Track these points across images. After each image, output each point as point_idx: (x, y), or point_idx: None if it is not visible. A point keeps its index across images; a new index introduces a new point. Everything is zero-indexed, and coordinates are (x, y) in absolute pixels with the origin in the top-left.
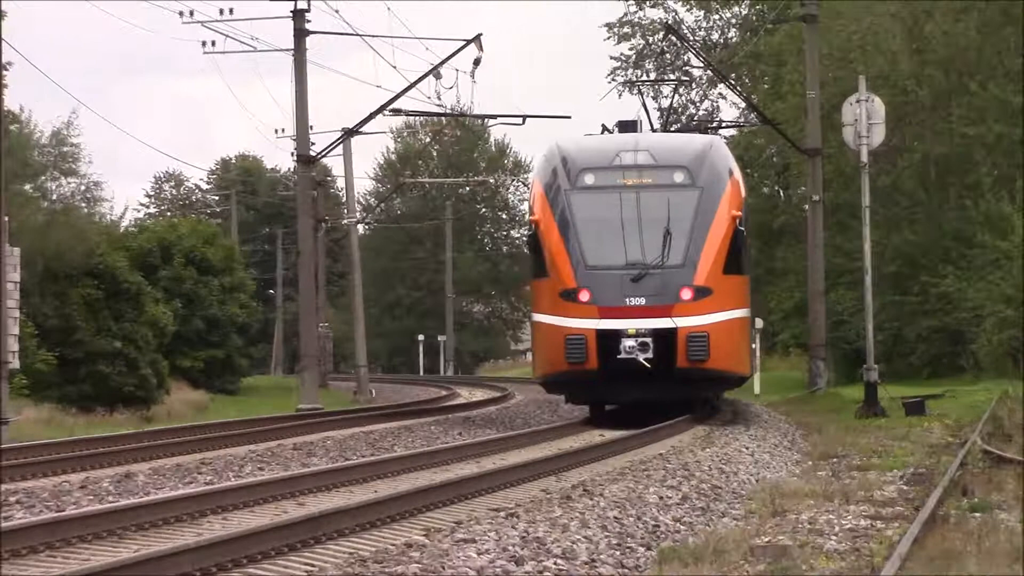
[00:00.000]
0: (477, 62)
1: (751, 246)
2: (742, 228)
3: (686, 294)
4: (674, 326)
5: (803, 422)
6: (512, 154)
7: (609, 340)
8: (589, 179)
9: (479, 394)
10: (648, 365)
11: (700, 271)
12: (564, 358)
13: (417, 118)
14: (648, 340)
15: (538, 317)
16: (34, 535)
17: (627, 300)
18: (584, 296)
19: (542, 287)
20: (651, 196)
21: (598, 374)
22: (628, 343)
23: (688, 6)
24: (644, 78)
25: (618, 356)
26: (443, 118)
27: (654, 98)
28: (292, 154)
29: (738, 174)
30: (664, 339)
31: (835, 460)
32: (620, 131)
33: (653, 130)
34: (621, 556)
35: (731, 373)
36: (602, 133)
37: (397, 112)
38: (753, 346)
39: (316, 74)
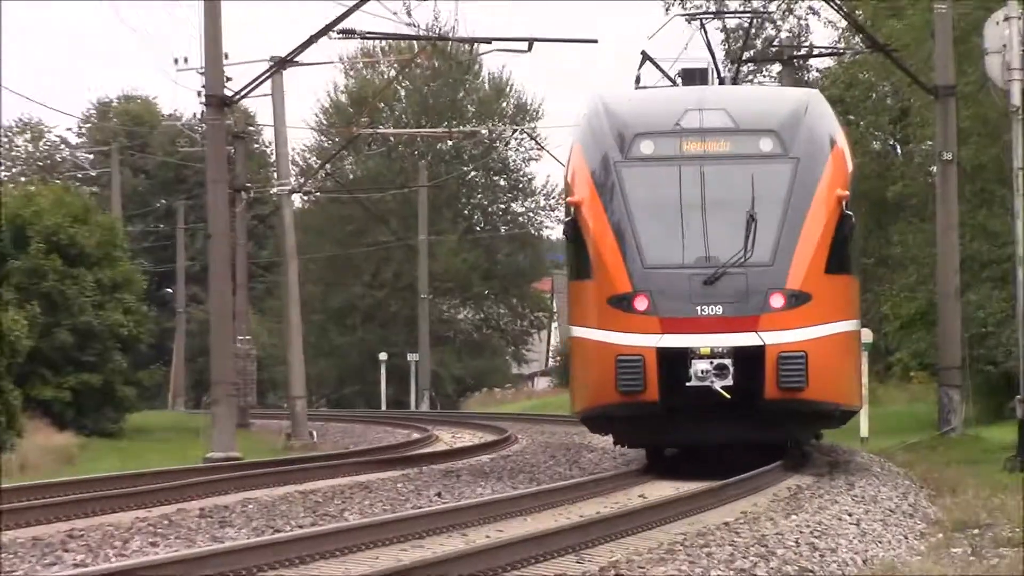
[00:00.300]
0: None
1: (858, 230)
2: (849, 213)
3: (777, 301)
4: (762, 343)
5: (930, 477)
6: (513, 94)
7: (675, 362)
8: (647, 147)
9: (466, 437)
10: (727, 395)
11: (795, 271)
12: (614, 386)
13: (378, 43)
14: (727, 362)
15: (579, 332)
16: None
17: (699, 309)
18: (641, 304)
19: (585, 291)
20: (729, 170)
21: (660, 407)
22: (700, 366)
23: None
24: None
25: (687, 383)
26: (415, 42)
27: (717, 16)
28: (199, 94)
29: (843, 140)
30: (748, 361)
31: (976, 532)
32: (684, 83)
33: (720, 80)
34: None
35: (836, 405)
36: (663, 85)
37: (349, 34)
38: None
39: None
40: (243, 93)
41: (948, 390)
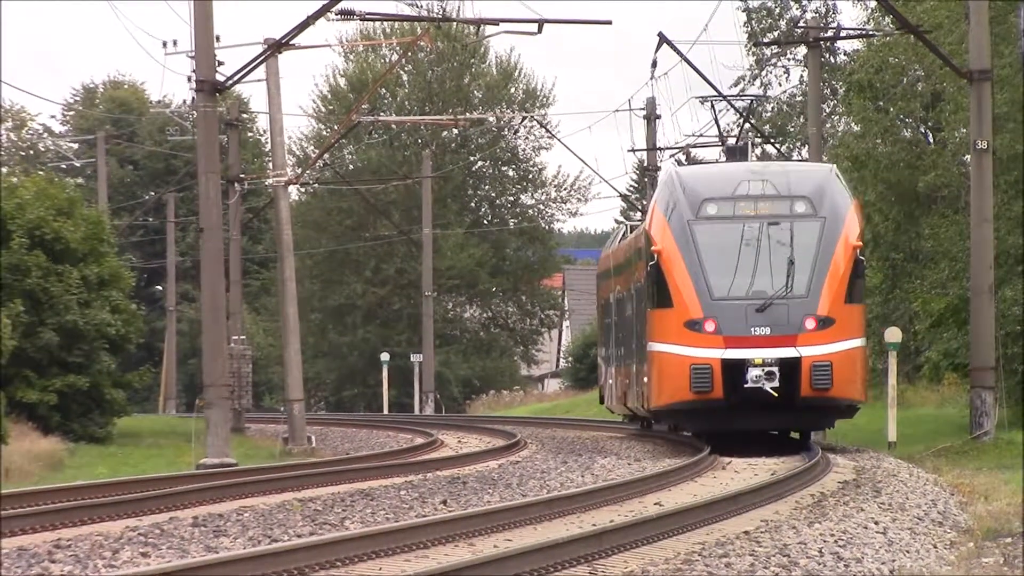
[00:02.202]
0: None
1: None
2: (862, 258)
3: (810, 323)
4: (799, 355)
5: (960, 484)
6: (523, 78)
7: (735, 369)
8: (712, 209)
9: (473, 442)
10: (775, 394)
11: (823, 301)
12: (689, 387)
13: (379, 24)
14: (774, 369)
15: (660, 347)
16: None
17: (752, 330)
18: (710, 326)
19: (666, 317)
20: (774, 226)
21: (725, 403)
22: (754, 372)
23: None
24: None
25: (745, 385)
26: (418, 24)
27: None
28: (190, 79)
29: (855, 204)
30: (789, 368)
31: (1008, 541)
32: (728, 157)
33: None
34: None
35: (852, 401)
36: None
37: (348, 15)
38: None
39: None
40: (236, 78)
41: (981, 392)
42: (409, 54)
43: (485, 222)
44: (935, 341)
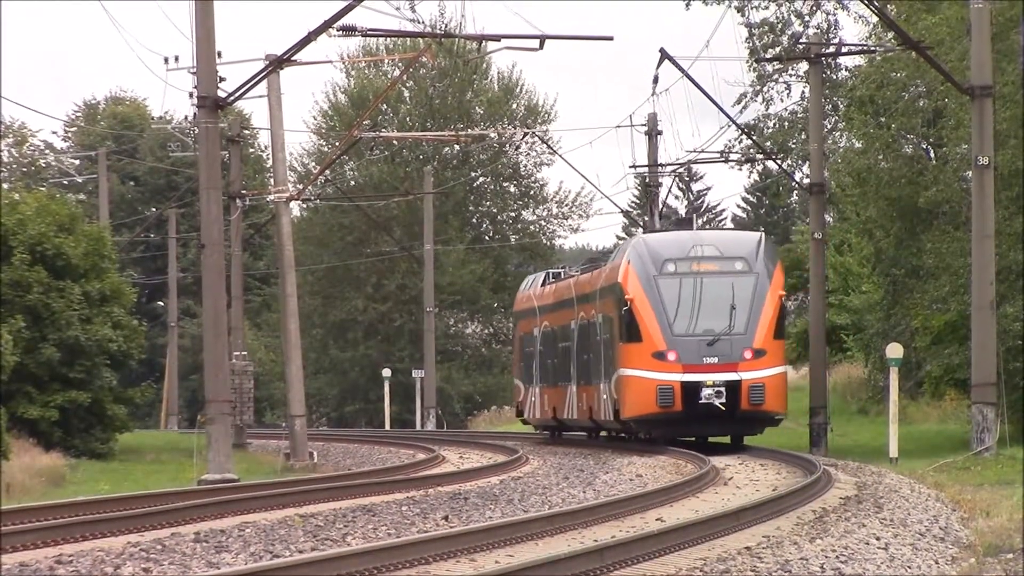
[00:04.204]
0: None
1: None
2: (785, 304)
3: (748, 354)
4: (740, 379)
5: (962, 499)
6: (524, 94)
7: (691, 390)
8: (671, 267)
9: (474, 458)
10: (723, 408)
11: (758, 337)
12: (656, 403)
13: (380, 40)
14: (722, 389)
15: (632, 372)
16: None
17: (704, 359)
18: (672, 356)
19: (638, 350)
20: (719, 280)
21: (684, 415)
22: (706, 391)
23: None
24: None
25: (699, 402)
26: (420, 40)
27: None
28: (191, 95)
29: (779, 263)
30: (732, 389)
31: (1010, 556)
32: (675, 225)
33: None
34: None
35: (778, 413)
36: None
37: (349, 31)
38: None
39: None
40: (238, 94)
41: (982, 407)
42: (411, 70)
43: (486, 238)
44: (936, 357)
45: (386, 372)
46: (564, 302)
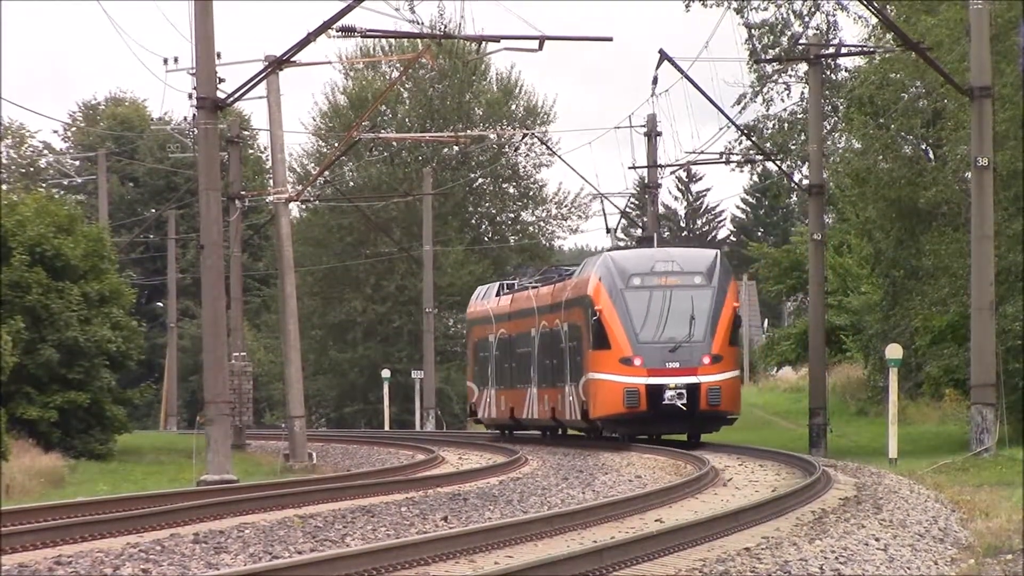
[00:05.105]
0: None
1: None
2: (739, 315)
3: (706, 360)
4: (699, 382)
5: (961, 500)
6: (523, 95)
7: (655, 392)
8: (637, 281)
9: (474, 458)
10: (684, 408)
11: (715, 344)
12: (623, 404)
13: (379, 41)
14: (683, 391)
15: (600, 376)
16: None
17: (667, 364)
18: (638, 361)
19: (607, 356)
20: (680, 293)
21: (649, 415)
22: (669, 393)
23: None
24: None
25: (663, 403)
26: (419, 40)
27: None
28: (190, 96)
29: (733, 278)
30: (692, 391)
31: (1009, 557)
32: (637, 244)
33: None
34: None
35: (733, 413)
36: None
37: (348, 32)
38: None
39: None
40: (237, 95)
41: (981, 408)
42: (410, 71)
43: (486, 239)
44: (935, 358)
45: (385, 373)
46: (523, 311)
